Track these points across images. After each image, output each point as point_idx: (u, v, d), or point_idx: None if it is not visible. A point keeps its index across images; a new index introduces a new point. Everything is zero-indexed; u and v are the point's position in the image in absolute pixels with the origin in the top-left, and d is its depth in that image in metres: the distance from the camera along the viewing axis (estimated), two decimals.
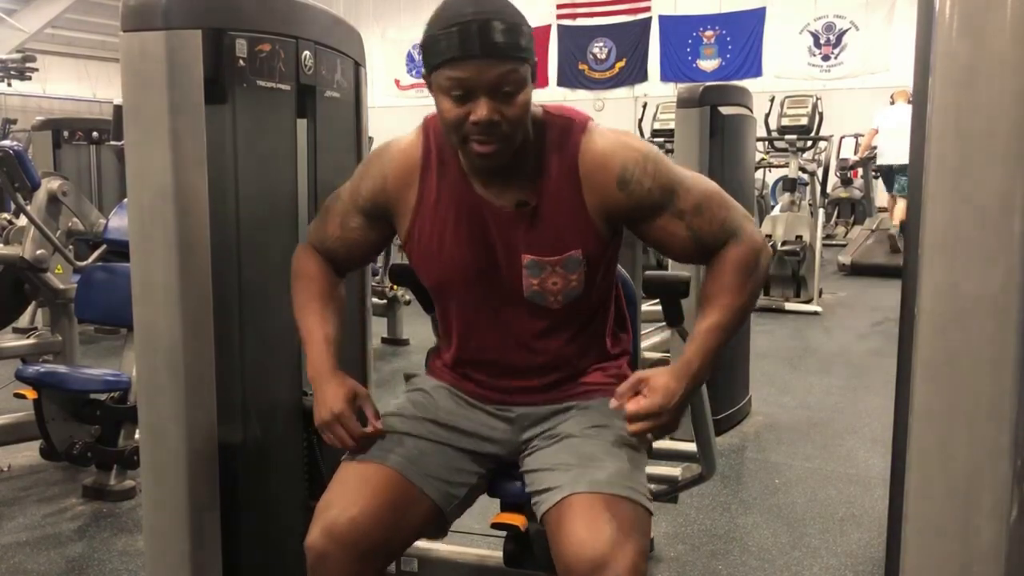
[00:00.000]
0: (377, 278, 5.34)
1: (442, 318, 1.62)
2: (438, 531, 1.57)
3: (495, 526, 1.57)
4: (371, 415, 1.50)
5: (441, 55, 1.31)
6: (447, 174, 1.48)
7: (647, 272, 1.62)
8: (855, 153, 10.76)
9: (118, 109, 4.32)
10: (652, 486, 1.65)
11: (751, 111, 3.90)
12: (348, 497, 1.42)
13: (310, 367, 1.52)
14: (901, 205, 8.51)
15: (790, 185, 7.31)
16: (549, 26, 16.02)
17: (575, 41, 16.02)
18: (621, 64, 15.84)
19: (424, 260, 1.52)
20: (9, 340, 3.95)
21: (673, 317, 1.71)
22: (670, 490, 2.03)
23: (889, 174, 8.47)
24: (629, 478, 1.42)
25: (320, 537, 1.38)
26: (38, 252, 3.49)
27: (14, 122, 9.57)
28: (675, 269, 3.69)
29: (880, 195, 11.12)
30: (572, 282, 1.46)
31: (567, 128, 1.44)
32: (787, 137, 7.33)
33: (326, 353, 1.51)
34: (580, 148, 1.43)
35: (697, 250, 1.47)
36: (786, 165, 7.58)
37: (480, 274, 1.49)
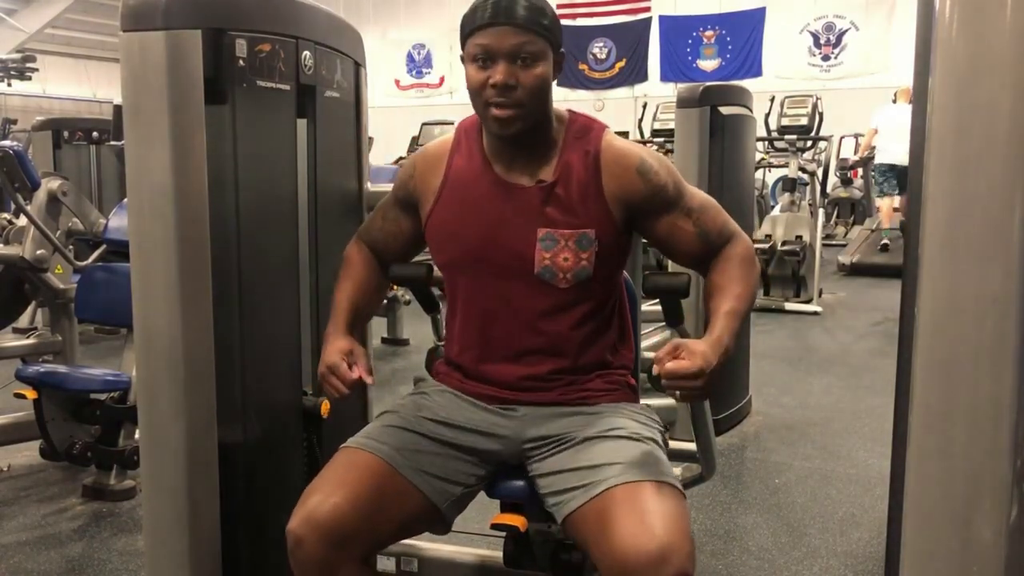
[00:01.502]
0: None
1: (451, 301, 1.66)
2: (438, 528, 1.57)
3: (495, 527, 1.57)
4: (362, 367, 1.59)
5: (470, 25, 1.49)
6: (473, 160, 1.59)
7: (647, 272, 1.62)
8: (855, 153, 10.76)
9: (118, 109, 4.33)
10: None
11: (751, 111, 3.90)
12: (332, 484, 1.44)
13: (326, 332, 1.67)
14: (887, 204, 8.54)
15: (790, 185, 7.31)
16: None
17: (575, 41, 16.00)
18: (621, 64, 15.83)
19: (442, 238, 1.62)
20: (9, 340, 3.95)
21: (673, 317, 1.71)
22: None
23: (889, 174, 8.46)
24: (659, 465, 1.44)
25: (299, 523, 1.40)
26: (38, 252, 3.49)
27: (14, 122, 9.58)
28: (675, 269, 3.70)
29: None
30: (583, 261, 1.54)
31: (589, 125, 1.59)
32: (787, 137, 7.32)
33: (339, 318, 1.67)
34: (602, 142, 1.57)
35: (701, 248, 1.60)
36: (786, 165, 7.58)
37: (495, 250, 1.56)
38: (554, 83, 1.54)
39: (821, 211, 7.71)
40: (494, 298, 1.58)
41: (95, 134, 5.62)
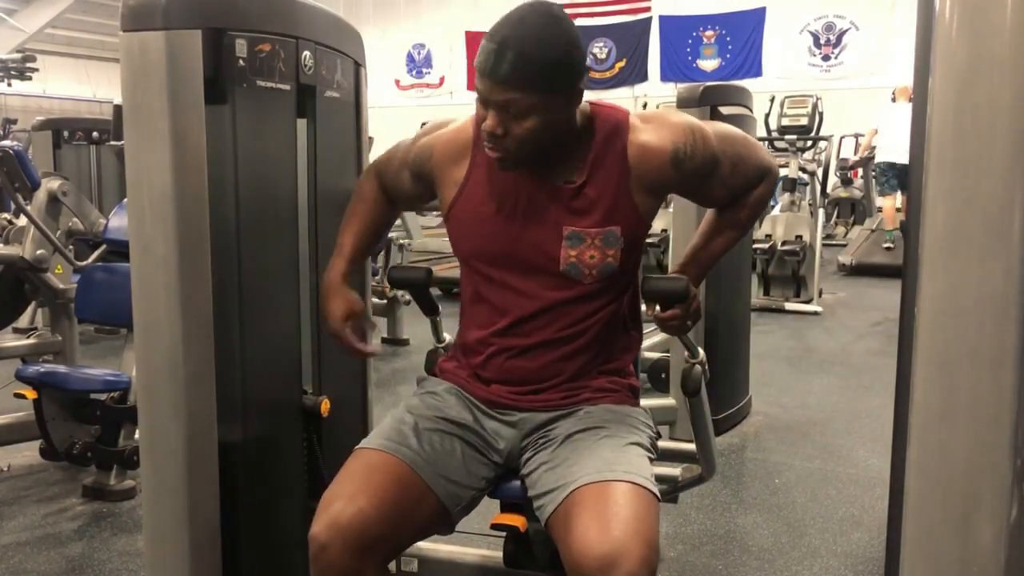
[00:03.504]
0: (377, 278, 5.33)
1: (469, 290, 1.65)
2: (443, 530, 1.57)
3: (495, 527, 1.57)
4: (365, 339, 1.71)
5: (478, 65, 1.44)
6: None
7: (646, 276, 1.62)
8: (855, 153, 10.76)
9: (118, 109, 4.33)
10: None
11: (751, 111, 3.90)
12: (355, 489, 1.42)
13: (324, 276, 1.74)
14: (889, 204, 8.50)
15: (790, 185, 7.31)
16: None
17: None
18: (621, 64, 15.84)
19: (465, 230, 1.61)
20: (9, 340, 3.95)
21: None
22: (670, 490, 2.02)
23: (889, 172, 8.46)
24: (632, 465, 1.42)
25: (323, 528, 1.37)
26: (38, 252, 3.49)
27: (14, 122, 9.59)
28: (674, 270, 3.69)
29: None
30: (608, 257, 1.54)
31: (616, 121, 1.56)
32: (787, 137, 7.33)
33: (340, 265, 1.72)
34: (628, 138, 1.55)
35: (730, 201, 1.66)
36: (786, 165, 7.57)
37: (520, 246, 1.56)
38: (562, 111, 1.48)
39: (821, 211, 7.72)
40: (516, 291, 1.58)
41: (95, 134, 5.62)
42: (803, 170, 7.59)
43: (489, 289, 1.61)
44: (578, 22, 15.56)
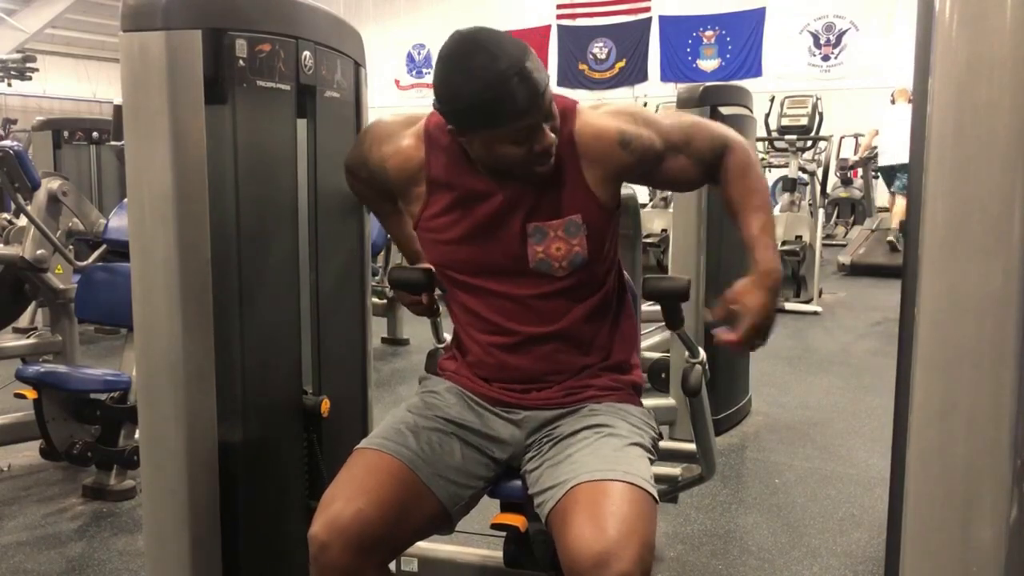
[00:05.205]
0: (377, 278, 5.33)
1: (453, 297, 1.66)
2: (444, 530, 1.57)
3: (495, 527, 1.57)
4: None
5: (479, 124, 1.43)
6: (452, 165, 1.57)
7: (647, 276, 1.62)
8: (855, 153, 10.77)
9: (118, 109, 4.33)
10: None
11: (751, 111, 3.90)
12: (354, 488, 1.42)
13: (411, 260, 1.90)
14: (901, 204, 8.48)
15: (790, 185, 7.32)
16: (549, 26, 16.03)
17: (575, 41, 16.03)
18: (621, 64, 15.84)
19: (435, 239, 1.62)
20: (9, 340, 3.95)
21: (674, 321, 1.71)
22: (670, 490, 2.02)
23: (891, 173, 8.47)
24: (631, 466, 1.42)
25: (323, 528, 1.38)
26: (38, 252, 3.50)
27: (14, 122, 9.60)
28: (675, 271, 3.70)
29: (880, 195, 11.12)
30: (575, 247, 1.54)
31: (563, 111, 1.54)
32: (787, 137, 7.33)
33: (414, 259, 1.86)
34: (575, 128, 1.54)
35: (702, 172, 1.61)
36: (786, 165, 7.58)
37: (487, 251, 1.56)
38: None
39: (821, 211, 7.72)
40: (492, 292, 1.59)
41: (95, 134, 5.62)
42: (803, 170, 7.60)
43: (467, 293, 1.62)
44: (578, 22, 15.74)
